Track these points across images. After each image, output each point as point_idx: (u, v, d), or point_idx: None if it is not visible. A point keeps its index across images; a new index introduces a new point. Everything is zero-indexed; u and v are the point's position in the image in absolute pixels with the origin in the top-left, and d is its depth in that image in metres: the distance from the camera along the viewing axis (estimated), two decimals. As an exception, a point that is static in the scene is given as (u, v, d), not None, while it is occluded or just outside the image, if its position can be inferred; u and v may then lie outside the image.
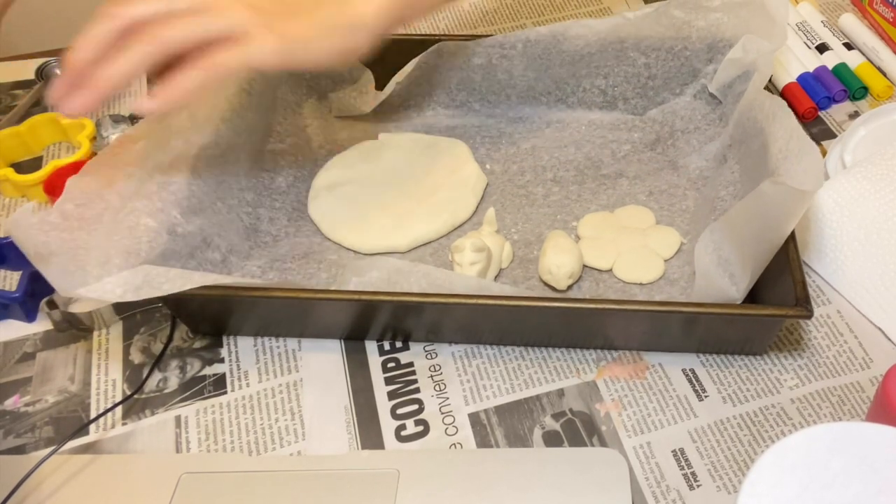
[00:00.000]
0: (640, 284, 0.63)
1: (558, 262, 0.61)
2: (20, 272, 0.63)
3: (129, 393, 0.60)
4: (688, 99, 0.74)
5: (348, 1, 0.55)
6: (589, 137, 0.75)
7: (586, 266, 0.64)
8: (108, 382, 0.61)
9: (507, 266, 0.65)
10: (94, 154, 0.75)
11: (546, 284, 0.63)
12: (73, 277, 0.55)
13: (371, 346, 0.62)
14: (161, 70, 0.53)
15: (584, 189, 0.71)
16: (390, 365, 0.61)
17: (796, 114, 0.73)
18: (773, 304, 0.56)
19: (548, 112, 0.76)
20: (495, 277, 0.64)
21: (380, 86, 0.75)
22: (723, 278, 0.56)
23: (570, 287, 0.63)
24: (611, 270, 0.64)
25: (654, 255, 0.65)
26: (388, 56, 0.74)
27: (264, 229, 0.68)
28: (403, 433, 0.57)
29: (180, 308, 0.62)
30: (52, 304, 0.62)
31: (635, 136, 0.74)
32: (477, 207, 0.70)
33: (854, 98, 0.80)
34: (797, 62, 0.81)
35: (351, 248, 0.67)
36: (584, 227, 0.67)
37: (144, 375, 0.61)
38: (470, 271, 0.61)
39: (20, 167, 0.77)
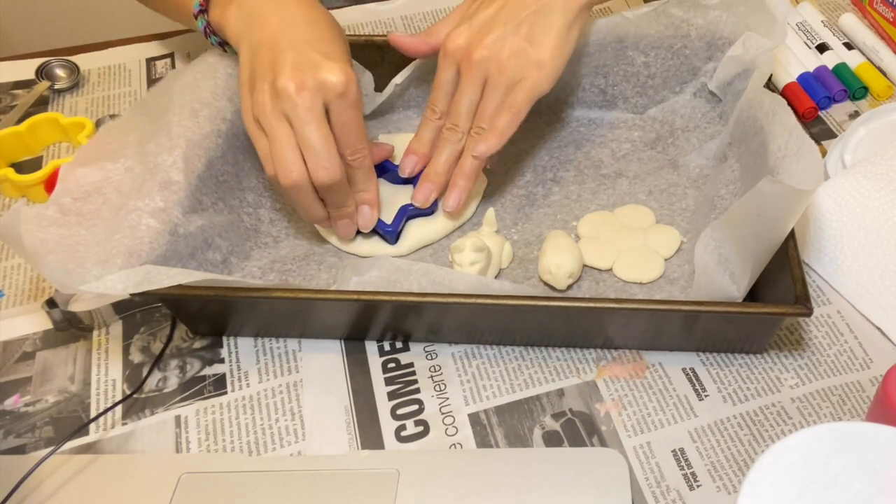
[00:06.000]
0: (640, 284, 0.63)
1: (558, 262, 0.61)
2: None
3: (128, 392, 0.60)
4: (687, 97, 0.74)
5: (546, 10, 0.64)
6: (589, 137, 0.75)
7: (586, 266, 0.64)
8: (107, 382, 0.61)
9: (507, 266, 0.65)
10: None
11: (546, 284, 0.63)
12: (73, 276, 0.55)
13: (371, 347, 0.62)
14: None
15: (584, 189, 0.71)
16: (390, 365, 0.61)
17: (796, 114, 0.73)
18: (773, 303, 0.56)
19: (548, 111, 0.76)
20: (495, 277, 0.64)
21: (379, 87, 0.75)
22: (723, 277, 0.56)
23: (569, 287, 0.63)
24: (611, 270, 0.64)
25: (654, 254, 0.65)
26: (387, 57, 0.74)
27: (265, 230, 0.68)
28: (403, 433, 0.57)
29: (180, 308, 0.62)
30: (52, 303, 0.62)
31: (635, 135, 0.74)
32: (477, 207, 0.70)
33: (854, 98, 0.80)
34: (797, 62, 0.81)
35: (351, 249, 0.67)
36: (584, 226, 0.67)
37: (144, 375, 0.61)
38: (470, 271, 0.61)
39: (20, 167, 0.77)
